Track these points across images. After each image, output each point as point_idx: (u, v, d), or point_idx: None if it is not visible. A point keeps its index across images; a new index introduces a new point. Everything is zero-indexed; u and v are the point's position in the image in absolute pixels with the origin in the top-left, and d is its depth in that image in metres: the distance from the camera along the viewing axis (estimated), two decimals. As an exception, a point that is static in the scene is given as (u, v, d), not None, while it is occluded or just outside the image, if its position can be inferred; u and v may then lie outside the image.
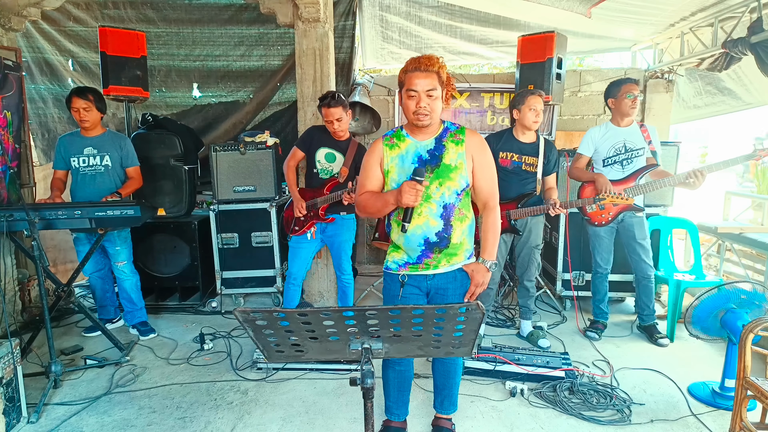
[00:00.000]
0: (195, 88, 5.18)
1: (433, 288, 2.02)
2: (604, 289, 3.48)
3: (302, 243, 3.24)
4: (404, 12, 4.97)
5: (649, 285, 3.35)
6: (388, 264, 2.06)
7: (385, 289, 2.12)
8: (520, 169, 3.14)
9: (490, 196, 2.01)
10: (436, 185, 1.91)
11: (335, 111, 3.03)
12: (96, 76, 4.95)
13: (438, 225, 1.92)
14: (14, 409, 2.40)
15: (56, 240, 4.63)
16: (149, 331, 3.55)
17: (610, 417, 2.47)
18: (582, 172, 3.32)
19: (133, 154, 3.46)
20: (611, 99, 3.22)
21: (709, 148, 14.45)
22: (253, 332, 1.28)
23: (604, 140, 3.25)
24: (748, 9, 3.55)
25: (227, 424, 2.46)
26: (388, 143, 1.99)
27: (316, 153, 3.18)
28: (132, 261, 3.54)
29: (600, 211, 3.27)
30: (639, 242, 3.28)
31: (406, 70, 1.87)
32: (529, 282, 3.32)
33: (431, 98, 1.84)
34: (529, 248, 3.24)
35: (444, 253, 1.96)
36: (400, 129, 2.01)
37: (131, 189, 3.43)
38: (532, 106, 3.05)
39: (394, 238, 2.02)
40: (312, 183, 3.22)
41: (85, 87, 3.38)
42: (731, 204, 4.92)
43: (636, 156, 3.20)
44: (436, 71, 1.84)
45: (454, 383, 2.26)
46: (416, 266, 1.99)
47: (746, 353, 1.99)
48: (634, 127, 3.23)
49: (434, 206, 1.91)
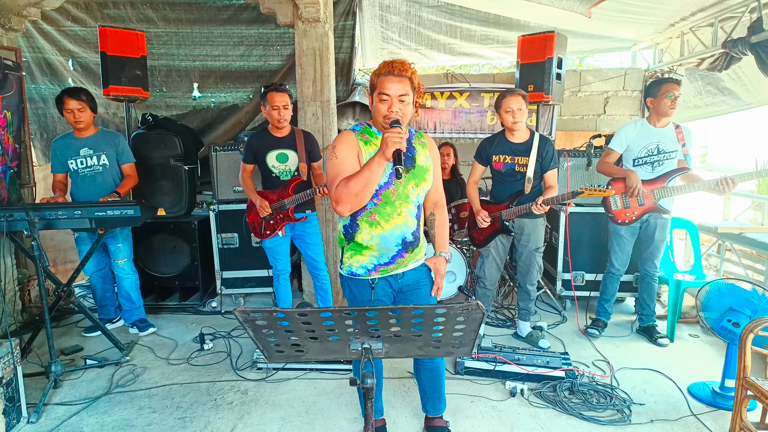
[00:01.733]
0: (195, 89, 5.18)
1: (403, 285, 2.02)
2: (614, 290, 3.46)
3: (278, 241, 3.23)
4: (404, 12, 4.97)
5: (652, 284, 3.35)
6: (352, 270, 1.96)
7: (350, 296, 2.03)
8: (513, 170, 3.11)
9: (440, 196, 2.14)
10: (412, 185, 1.92)
11: (282, 97, 3.01)
12: (96, 75, 4.94)
13: (414, 224, 1.95)
14: (14, 409, 2.40)
15: (56, 240, 4.63)
16: (148, 326, 3.57)
17: (610, 417, 2.47)
18: (612, 168, 3.27)
19: (128, 151, 3.46)
20: (650, 98, 3.16)
21: (709, 148, 14.45)
22: (253, 332, 1.29)
23: (637, 139, 3.20)
24: (748, 9, 3.55)
25: (227, 424, 2.46)
26: (361, 138, 1.91)
27: (266, 158, 3.13)
28: (132, 259, 3.55)
29: (625, 210, 3.24)
30: (657, 243, 3.25)
31: (379, 73, 1.84)
32: (531, 286, 3.30)
33: (403, 103, 1.83)
34: (530, 252, 3.21)
35: (414, 252, 1.99)
36: (369, 126, 1.95)
37: (128, 186, 3.44)
38: (507, 107, 3.00)
39: (362, 239, 1.92)
40: (273, 185, 3.17)
41: (75, 87, 3.39)
42: (731, 204, 4.93)
43: (667, 158, 3.14)
44: (409, 77, 1.83)
45: (442, 384, 2.27)
46: (387, 267, 1.95)
47: (746, 353, 1.99)
48: (670, 128, 3.17)
49: (412, 206, 1.93)
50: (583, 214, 3.89)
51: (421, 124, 5.14)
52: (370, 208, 1.90)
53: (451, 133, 5.09)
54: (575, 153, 4.03)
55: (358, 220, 1.92)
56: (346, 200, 1.80)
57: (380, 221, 1.90)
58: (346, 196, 1.79)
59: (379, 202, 1.89)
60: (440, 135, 5.10)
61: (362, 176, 1.77)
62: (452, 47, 5.25)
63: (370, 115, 5.26)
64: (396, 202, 1.90)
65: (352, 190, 1.78)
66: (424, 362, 2.20)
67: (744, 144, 11.50)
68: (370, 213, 1.90)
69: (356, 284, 1.99)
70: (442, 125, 5.13)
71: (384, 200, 1.89)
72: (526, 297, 3.35)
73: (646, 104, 3.23)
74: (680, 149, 3.15)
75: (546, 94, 4.05)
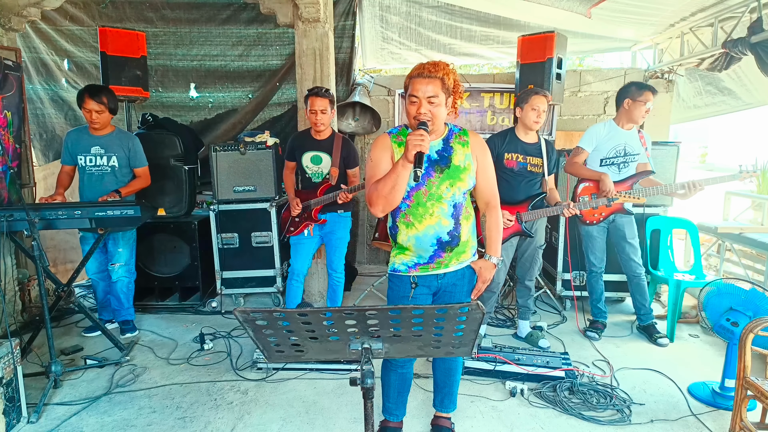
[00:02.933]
0: (192, 89, 5.15)
1: (442, 286, 2.03)
2: (600, 288, 3.48)
3: (302, 240, 3.30)
4: (404, 12, 4.97)
5: (640, 283, 3.36)
6: (395, 266, 2.02)
7: (391, 291, 2.08)
8: (525, 170, 3.09)
9: (492, 196, 2.07)
10: (447, 185, 1.91)
11: (322, 102, 3.06)
12: (92, 75, 4.93)
13: (449, 224, 1.94)
14: (14, 409, 2.40)
15: (56, 240, 4.62)
16: (131, 329, 3.57)
17: (610, 417, 2.47)
18: (583, 169, 3.30)
19: (141, 155, 3.45)
20: (628, 99, 3.16)
21: (709, 148, 14.45)
22: (253, 332, 1.29)
23: (606, 140, 3.25)
24: (748, 9, 3.55)
25: (227, 424, 2.46)
26: (395, 140, 1.95)
27: (302, 158, 3.22)
28: (131, 264, 3.55)
29: (593, 210, 3.28)
30: (629, 241, 3.31)
31: (411, 76, 1.86)
32: (530, 281, 3.32)
33: (432, 105, 1.82)
34: (534, 248, 3.23)
35: (455, 252, 1.97)
36: (405, 128, 1.98)
37: (135, 188, 3.43)
38: (535, 105, 3.01)
39: (402, 240, 1.98)
40: (306, 186, 3.27)
41: (99, 87, 3.31)
42: (731, 204, 4.92)
43: (632, 161, 3.25)
44: (440, 77, 1.82)
45: (455, 381, 2.27)
46: (427, 266, 1.98)
47: (746, 353, 1.99)
48: (634, 131, 3.25)
49: (446, 206, 1.92)
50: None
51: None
52: (404, 209, 1.94)
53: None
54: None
55: (397, 222, 1.98)
56: (377, 201, 1.86)
57: (414, 222, 1.93)
58: (377, 198, 1.86)
59: (411, 204, 1.92)
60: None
61: (389, 179, 1.83)
62: (452, 47, 5.25)
63: (370, 115, 5.29)
64: (428, 203, 1.91)
65: (381, 191, 1.84)
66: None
67: (744, 144, 11.51)
68: (405, 214, 1.94)
69: (396, 280, 2.04)
70: (442, 125, 5.13)
71: (416, 201, 1.91)
72: (525, 293, 3.36)
73: (622, 104, 3.22)
74: (643, 152, 3.23)
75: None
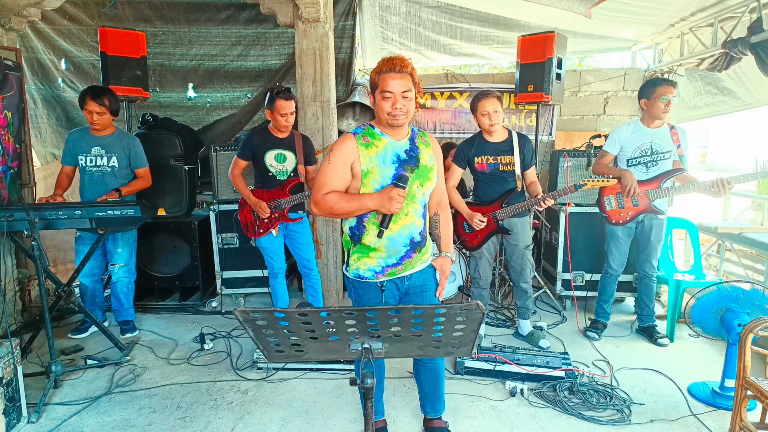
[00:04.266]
0: (190, 89, 5.12)
1: (410, 287, 2.02)
2: (612, 290, 3.45)
3: (272, 240, 3.25)
4: (404, 12, 4.97)
5: (650, 284, 3.35)
6: (359, 272, 1.95)
7: (357, 298, 2.02)
8: (497, 170, 3.11)
9: (443, 196, 2.15)
10: (417, 185, 1.92)
11: (290, 104, 3.05)
12: (89, 75, 4.92)
13: (421, 224, 1.95)
14: (14, 409, 2.40)
15: (56, 240, 4.62)
16: (130, 329, 3.57)
17: (610, 417, 2.47)
18: (607, 169, 3.27)
19: (141, 156, 3.45)
20: (644, 99, 3.15)
21: (709, 148, 14.45)
22: (253, 332, 1.29)
23: (630, 140, 3.20)
24: (748, 9, 3.54)
25: (227, 424, 2.46)
26: (362, 142, 1.88)
27: (265, 157, 3.15)
28: (131, 265, 3.55)
29: (619, 210, 3.24)
30: (653, 243, 3.26)
31: (380, 71, 1.85)
32: (526, 284, 3.31)
33: (406, 99, 1.83)
34: (521, 250, 3.23)
35: (421, 252, 1.99)
36: (371, 127, 1.93)
37: (135, 188, 3.42)
38: (484, 111, 3.01)
39: (370, 242, 1.90)
40: (269, 184, 3.20)
41: (100, 88, 3.32)
42: (731, 204, 4.92)
43: (662, 159, 3.15)
44: (410, 72, 1.84)
45: (441, 385, 2.28)
46: (396, 269, 1.95)
47: (746, 353, 1.99)
48: (664, 129, 3.17)
49: (418, 206, 1.94)
50: (583, 214, 3.89)
51: (421, 124, 5.15)
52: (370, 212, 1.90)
53: (451, 133, 5.10)
54: (575, 153, 4.03)
55: (364, 222, 1.91)
56: (324, 211, 1.87)
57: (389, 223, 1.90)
58: (325, 209, 1.86)
59: None
60: (440, 135, 5.10)
61: (348, 206, 1.84)
62: (452, 47, 5.25)
63: (370, 115, 5.28)
64: None
65: (334, 209, 1.84)
66: (424, 362, 2.20)
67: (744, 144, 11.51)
68: (377, 215, 1.88)
69: (363, 287, 1.99)
70: (442, 125, 5.14)
71: None
72: (523, 295, 3.36)
73: (640, 105, 3.23)
74: (675, 150, 3.15)
75: (546, 94, 4.05)
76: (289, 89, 3.11)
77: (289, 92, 3.06)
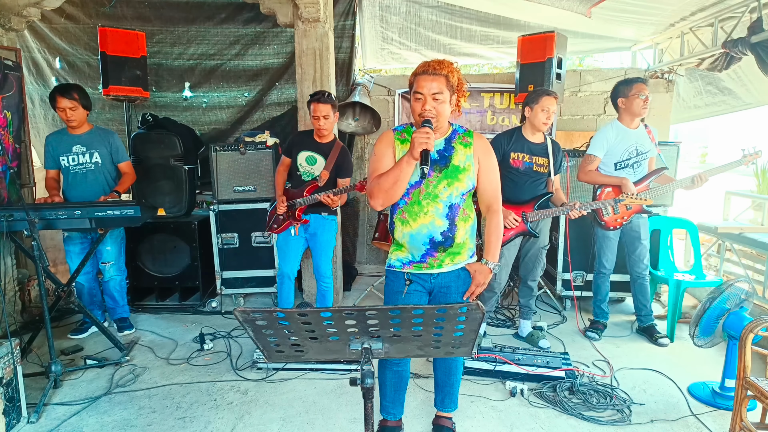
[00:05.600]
0: (186, 88, 5.10)
1: (436, 286, 2.04)
2: (606, 289, 3.47)
3: (289, 240, 3.27)
4: (404, 12, 4.97)
5: (644, 284, 3.36)
6: (391, 262, 2.06)
7: (387, 286, 2.12)
8: (531, 170, 3.07)
9: (494, 200, 2.05)
10: (444, 185, 1.92)
11: (324, 107, 3.06)
12: (85, 74, 4.91)
13: (443, 224, 1.94)
14: (14, 409, 2.40)
15: (56, 240, 4.61)
16: (127, 327, 3.59)
17: (610, 417, 2.47)
18: (599, 176, 3.24)
19: (122, 149, 3.44)
20: (621, 99, 3.15)
21: (709, 148, 14.47)
22: (253, 332, 1.28)
23: (617, 143, 3.19)
24: (748, 9, 3.54)
25: (227, 424, 2.46)
26: (399, 137, 1.98)
27: (297, 156, 3.22)
28: (121, 262, 3.55)
29: (616, 216, 3.23)
30: (642, 242, 3.28)
31: (416, 73, 1.89)
32: (533, 282, 3.31)
33: (437, 102, 1.84)
34: (537, 249, 3.22)
35: (448, 253, 1.98)
36: (410, 126, 2.02)
37: (127, 184, 3.43)
38: (545, 106, 2.98)
39: (398, 237, 2.02)
40: (297, 185, 3.25)
41: (68, 85, 3.33)
42: (731, 204, 4.92)
43: (644, 159, 3.18)
44: (445, 75, 1.84)
45: (456, 380, 2.28)
46: (420, 265, 2.00)
47: (746, 353, 1.99)
48: (642, 128, 3.20)
49: (440, 206, 1.93)
50: (583, 215, 3.87)
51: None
52: (402, 206, 1.96)
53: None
54: (575, 153, 4.02)
55: (394, 218, 2.01)
56: (378, 195, 1.90)
57: (409, 220, 1.95)
58: (378, 191, 1.89)
59: (409, 201, 1.94)
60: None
61: (392, 174, 1.86)
62: (452, 47, 5.25)
63: (370, 115, 5.29)
64: (423, 201, 1.92)
65: (382, 186, 1.87)
66: None
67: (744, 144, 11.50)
68: (402, 211, 1.97)
69: (392, 275, 2.08)
70: (442, 125, 5.13)
71: (413, 199, 1.94)
72: (528, 293, 3.35)
73: (616, 105, 3.21)
74: (654, 149, 3.18)
75: (546, 94, 4.04)
76: (329, 94, 3.12)
77: (325, 95, 3.07)
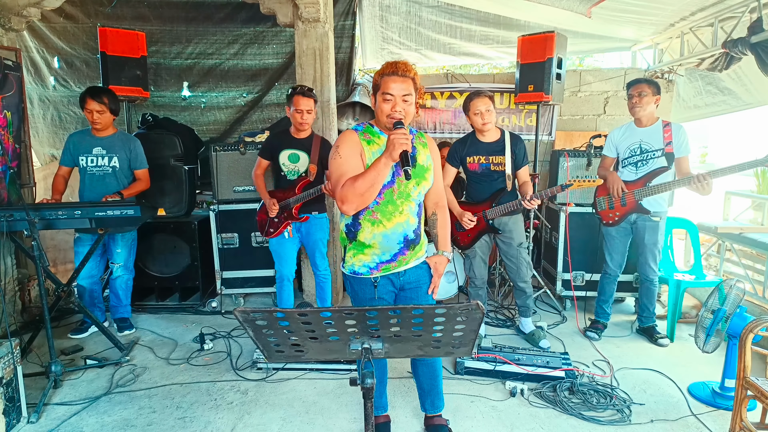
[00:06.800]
0: (185, 88, 5.10)
1: (405, 283, 2.06)
2: (611, 291, 3.46)
3: (284, 243, 3.29)
4: (404, 12, 4.97)
5: (651, 288, 3.34)
6: (355, 268, 1.99)
7: (353, 294, 2.06)
8: (489, 170, 3.13)
9: (441, 196, 2.16)
10: (414, 184, 1.95)
11: (307, 101, 3.08)
12: (83, 73, 4.90)
13: (415, 222, 1.99)
14: (14, 409, 2.40)
15: (56, 240, 4.62)
16: (127, 327, 3.59)
17: (610, 417, 2.47)
18: (601, 171, 3.35)
19: (142, 157, 3.46)
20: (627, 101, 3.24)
21: (709, 148, 14.46)
22: (253, 332, 1.28)
23: (622, 141, 3.26)
24: (748, 9, 3.54)
25: (227, 424, 2.46)
26: (363, 138, 1.94)
27: (279, 156, 3.21)
28: (129, 263, 3.56)
29: (609, 210, 3.28)
30: (648, 245, 3.24)
31: (383, 74, 1.88)
32: (524, 283, 3.31)
33: (406, 103, 1.86)
34: (515, 249, 3.23)
35: (415, 249, 2.02)
36: (371, 126, 1.99)
37: (136, 190, 3.43)
38: (476, 110, 3.05)
39: (365, 238, 1.94)
40: (281, 185, 3.25)
41: (99, 88, 3.37)
42: (731, 204, 4.92)
43: (651, 158, 3.13)
44: (412, 77, 1.87)
45: (440, 380, 2.31)
46: (389, 265, 1.98)
47: (746, 353, 1.99)
48: (656, 127, 3.16)
49: (413, 204, 1.97)
50: (583, 214, 3.89)
51: (422, 124, 5.14)
52: (372, 206, 1.92)
53: (452, 133, 5.10)
54: (575, 153, 4.03)
55: (360, 219, 1.95)
56: (352, 200, 1.83)
57: (382, 220, 1.92)
58: (352, 196, 1.82)
59: (381, 201, 1.92)
60: (440, 135, 5.10)
61: (368, 176, 1.80)
62: (452, 47, 5.25)
63: (370, 114, 5.28)
64: (398, 200, 1.93)
65: (357, 190, 1.80)
66: (421, 358, 2.22)
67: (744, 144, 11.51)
68: (372, 212, 1.93)
69: (358, 283, 2.02)
70: (442, 125, 5.14)
71: (386, 199, 1.92)
72: (522, 294, 3.36)
73: None
74: (665, 148, 3.13)
75: (546, 94, 4.05)
76: (310, 88, 3.14)
77: (306, 89, 3.09)
